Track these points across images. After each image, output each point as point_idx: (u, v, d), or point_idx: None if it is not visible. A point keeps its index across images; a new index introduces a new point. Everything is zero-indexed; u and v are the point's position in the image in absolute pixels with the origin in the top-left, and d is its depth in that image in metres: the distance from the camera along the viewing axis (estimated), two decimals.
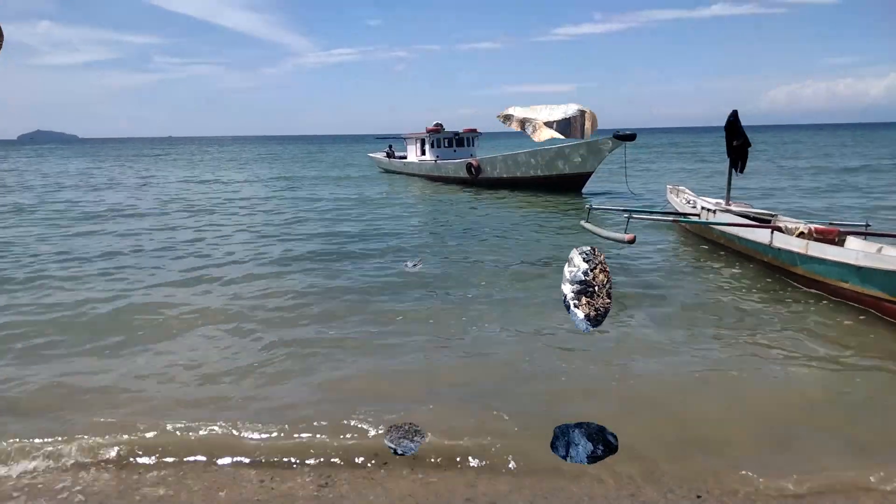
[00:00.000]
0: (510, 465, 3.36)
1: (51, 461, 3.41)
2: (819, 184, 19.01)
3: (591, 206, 10.30)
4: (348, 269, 8.03)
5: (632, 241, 7.62)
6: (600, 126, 4.62)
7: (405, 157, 27.46)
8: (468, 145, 25.05)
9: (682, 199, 12.13)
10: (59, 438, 3.61)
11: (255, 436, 3.65)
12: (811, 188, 17.87)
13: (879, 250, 6.71)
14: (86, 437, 3.63)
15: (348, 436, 3.64)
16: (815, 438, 3.72)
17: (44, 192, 19.85)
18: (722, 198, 10.65)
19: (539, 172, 18.32)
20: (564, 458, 1.82)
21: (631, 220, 8.38)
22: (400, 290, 6.97)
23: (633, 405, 4.16)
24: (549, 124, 4.26)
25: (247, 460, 3.44)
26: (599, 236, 8.71)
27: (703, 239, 10.06)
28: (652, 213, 10.85)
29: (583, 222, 9.74)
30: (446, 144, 24.75)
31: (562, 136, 4.35)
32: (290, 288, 7.08)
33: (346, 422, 3.76)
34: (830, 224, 9.11)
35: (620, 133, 15.40)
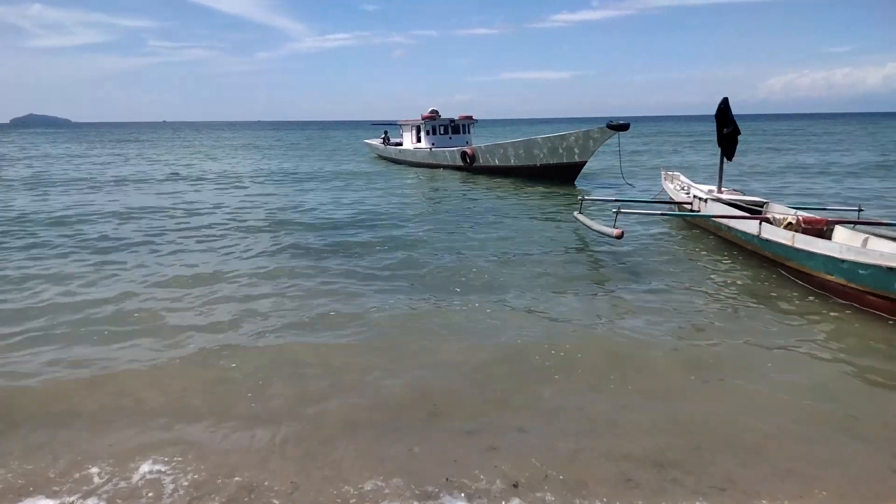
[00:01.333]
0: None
1: None
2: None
3: (583, 197, 10.36)
4: (346, 265, 8.04)
5: (619, 237, 7.74)
6: (596, 114, 4.68)
7: (401, 144, 27.42)
8: (464, 132, 25.00)
9: (676, 186, 12.20)
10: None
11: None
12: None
13: (865, 242, 6.78)
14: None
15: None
16: (791, 430, 3.83)
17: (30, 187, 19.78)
18: (715, 184, 10.71)
19: (533, 162, 18.32)
20: None
21: (620, 213, 8.47)
22: (393, 283, 7.07)
23: (621, 396, 4.30)
24: None
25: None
26: (590, 229, 8.80)
27: (695, 225, 10.15)
28: (641, 204, 10.91)
29: (576, 213, 9.82)
30: (442, 132, 24.69)
31: None
32: (285, 283, 7.13)
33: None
34: (823, 210, 9.21)
35: (614, 123, 15.35)
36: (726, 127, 9.95)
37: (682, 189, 11.80)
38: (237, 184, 19.04)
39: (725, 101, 9.98)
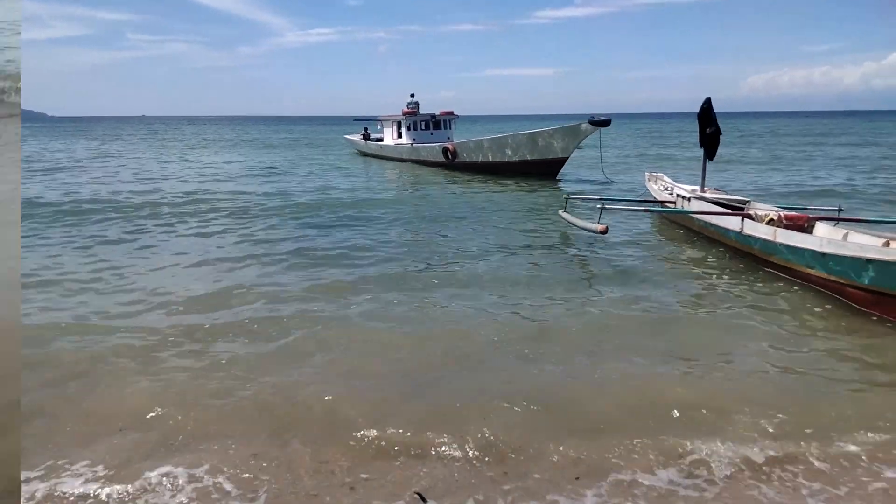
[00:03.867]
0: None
1: None
2: None
3: (568, 195, 10.41)
4: (328, 262, 7.92)
5: (604, 232, 7.82)
6: (580, 110, 4.71)
7: (381, 140, 27.28)
8: (445, 128, 24.96)
9: (660, 187, 12.33)
10: None
11: None
12: None
13: (845, 236, 6.92)
14: None
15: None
16: (769, 419, 3.88)
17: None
18: (698, 184, 10.84)
19: (515, 157, 18.39)
20: None
21: (604, 210, 8.54)
22: (371, 277, 7.02)
23: (599, 384, 4.35)
24: None
25: None
26: (574, 226, 8.86)
27: (679, 225, 10.27)
28: (626, 202, 11.00)
29: (561, 212, 9.87)
30: (423, 127, 24.61)
31: None
32: (264, 285, 6.84)
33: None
34: (804, 209, 9.37)
35: (595, 119, 15.48)
36: (709, 127, 10.08)
37: (666, 189, 11.94)
38: (218, 183, 18.50)
39: (708, 102, 10.10)
